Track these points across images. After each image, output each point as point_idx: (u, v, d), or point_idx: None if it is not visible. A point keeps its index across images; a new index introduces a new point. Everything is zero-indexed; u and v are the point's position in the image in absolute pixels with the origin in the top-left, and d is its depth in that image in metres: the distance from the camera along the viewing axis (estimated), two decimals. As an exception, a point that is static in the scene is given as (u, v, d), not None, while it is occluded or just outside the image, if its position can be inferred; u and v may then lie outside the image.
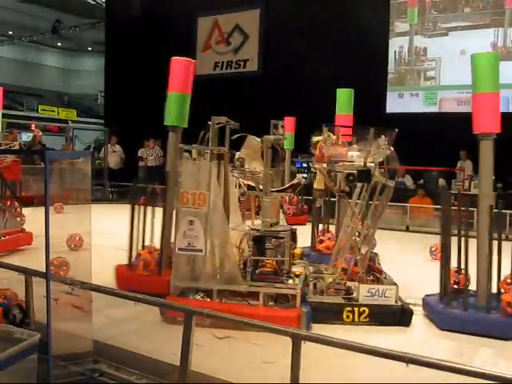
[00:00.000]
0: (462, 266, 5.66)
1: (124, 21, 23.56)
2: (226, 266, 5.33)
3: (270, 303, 5.33)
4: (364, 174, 5.60)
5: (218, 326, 4.60)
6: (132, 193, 6.98)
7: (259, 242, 5.48)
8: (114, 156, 17.81)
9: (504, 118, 5.57)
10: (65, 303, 3.83)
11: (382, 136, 5.62)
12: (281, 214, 6.07)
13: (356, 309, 5.41)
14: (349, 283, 5.70)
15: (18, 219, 8.80)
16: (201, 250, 5.27)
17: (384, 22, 17.79)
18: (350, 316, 5.43)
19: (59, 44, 45.92)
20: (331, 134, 5.73)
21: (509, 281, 5.62)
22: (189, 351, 3.49)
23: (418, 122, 11.11)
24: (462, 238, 5.58)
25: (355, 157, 5.75)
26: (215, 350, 4.48)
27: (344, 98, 9.48)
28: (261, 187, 5.67)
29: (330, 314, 5.40)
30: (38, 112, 39.10)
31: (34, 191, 5.18)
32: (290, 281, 5.32)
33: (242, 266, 5.46)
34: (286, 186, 6.15)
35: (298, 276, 5.44)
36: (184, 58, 7.26)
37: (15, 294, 4.40)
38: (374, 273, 5.97)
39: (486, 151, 5.60)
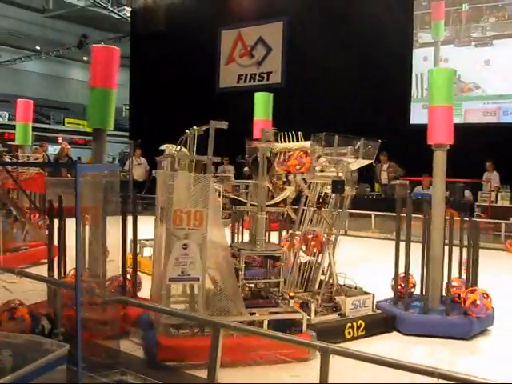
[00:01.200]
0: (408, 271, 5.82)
1: (148, 35, 23.84)
2: (225, 293, 4.64)
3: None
4: (339, 185, 5.32)
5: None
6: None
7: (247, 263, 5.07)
8: (138, 168, 18.00)
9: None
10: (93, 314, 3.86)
11: (349, 147, 5.44)
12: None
13: (355, 324, 5.33)
14: (337, 298, 5.50)
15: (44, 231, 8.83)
16: (197, 279, 4.55)
17: (407, 33, 17.72)
18: (351, 332, 5.31)
19: (85, 58, 46.50)
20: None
21: (454, 283, 5.94)
22: (216, 364, 3.50)
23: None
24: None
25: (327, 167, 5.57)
26: (242, 363, 4.47)
27: (261, 102, 8.96)
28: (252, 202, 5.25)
29: (332, 333, 5.13)
30: (64, 125, 39.66)
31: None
32: (291, 303, 4.93)
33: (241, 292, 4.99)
34: (277, 199, 5.60)
35: (292, 298, 4.94)
36: (106, 46, 5.98)
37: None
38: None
39: (439, 161, 5.91)
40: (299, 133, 5.39)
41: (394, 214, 5.96)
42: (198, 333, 4.54)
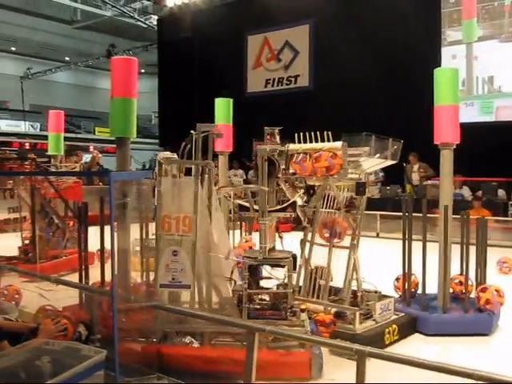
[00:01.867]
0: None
1: (175, 42, 24.05)
2: (218, 303, 4.56)
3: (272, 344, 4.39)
4: (361, 187, 5.27)
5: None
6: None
7: (253, 271, 4.85)
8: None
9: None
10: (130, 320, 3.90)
11: (366, 147, 5.22)
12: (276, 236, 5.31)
13: (391, 328, 5.23)
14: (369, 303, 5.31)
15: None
16: (188, 286, 4.46)
17: (435, 32, 17.52)
18: (389, 337, 5.19)
19: (113, 67, 47.07)
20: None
21: (457, 281, 6.06)
22: (252, 368, 3.49)
23: (474, 131, 10.86)
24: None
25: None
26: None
27: (221, 107, 9.12)
28: (256, 207, 4.97)
29: (374, 340, 4.95)
30: (94, 134, 40.17)
31: (95, 211, 5.32)
32: (302, 316, 4.59)
33: (235, 302, 4.80)
34: (285, 204, 5.27)
35: (303, 311, 4.61)
36: (124, 57, 6.21)
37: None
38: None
39: (447, 160, 5.94)
40: (329, 133, 5.21)
41: (428, 216, 5.92)
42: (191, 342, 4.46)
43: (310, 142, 5.33)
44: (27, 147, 27.18)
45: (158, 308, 4.15)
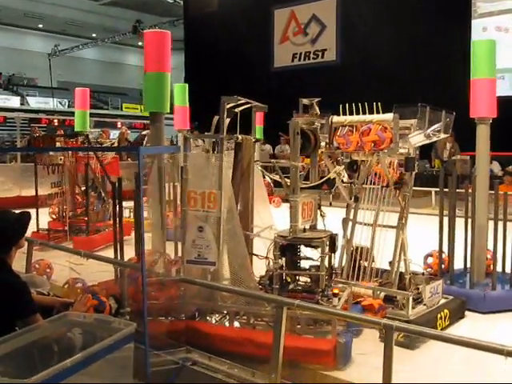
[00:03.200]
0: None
1: (202, 17, 23.93)
2: (243, 283, 4.37)
3: (298, 327, 4.24)
4: (411, 162, 4.86)
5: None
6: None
7: (289, 251, 4.66)
8: (196, 150, 18.19)
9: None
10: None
11: (415, 120, 4.80)
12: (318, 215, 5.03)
13: (442, 314, 4.84)
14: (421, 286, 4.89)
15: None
16: (213, 263, 4.35)
17: (466, 4, 17.12)
18: (441, 323, 4.80)
19: (140, 43, 47.07)
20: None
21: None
22: (280, 341, 3.51)
23: (504, 105, 10.64)
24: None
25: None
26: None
27: (179, 91, 10.67)
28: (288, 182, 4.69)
29: (427, 327, 4.33)
30: (122, 110, 40.37)
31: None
32: (336, 302, 4.31)
33: (267, 282, 4.67)
34: (319, 181, 4.93)
35: (336, 295, 4.34)
36: (157, 30, 6.17)
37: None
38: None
39: (483, 135, 5.81)
40: (379, 104, 4.85)
41: (458, 191, 5.83)
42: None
43: (356, 113, 4.97)
44: (56, 124, 27.39)
45: (184, 282, 4.17)
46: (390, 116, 4.75)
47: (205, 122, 5.01)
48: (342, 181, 5.16)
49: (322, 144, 5.11)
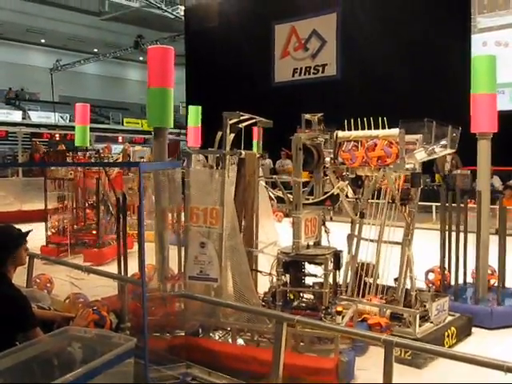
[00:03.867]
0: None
1: (203, 32, 24.07)
2: (245, 300, 4.34)
3: (302, 344, 4.20)
4: (417, 178, 4.87)
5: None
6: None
7: (292, 267, 4.63)
8: (197, 165, 18.20)
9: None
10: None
11: (420, 135, 4.85)
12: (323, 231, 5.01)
13: (449, 331, 4.81)
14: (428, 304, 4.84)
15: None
16: (216, 280, 4.33)
17: (465, 19, 17.22)
18: (448, 341, 4.76)
19: (141, 58, 47.32)
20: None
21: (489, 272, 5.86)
22: (280, 356, 3.51)
23: (504, 120, 10.69)
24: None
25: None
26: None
27: (193, 113, 12.19)
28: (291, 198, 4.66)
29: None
30: (123, 125, 40.48)
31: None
32: (338, 319, 4.27)
33: (270, 299, 4.65)
34: (322, 197, 4.95)
35: (339, 313, 4.31)
36: (161, 46, 6.42)
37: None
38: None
39: (484, 150, 5.87)
40: (384, 118, 4.88)
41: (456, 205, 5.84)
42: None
43: (361, 129, 5.02)
44: (57, 138, 27.49)
45: (185, 297, 4.17)
46: (395, 131, 4.76)
47: (206, 137, 5.04)
48: (347, 196, 5.17)
49: (327, 159, 5.10)
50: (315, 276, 4.77)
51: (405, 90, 17.08)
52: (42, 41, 40.91)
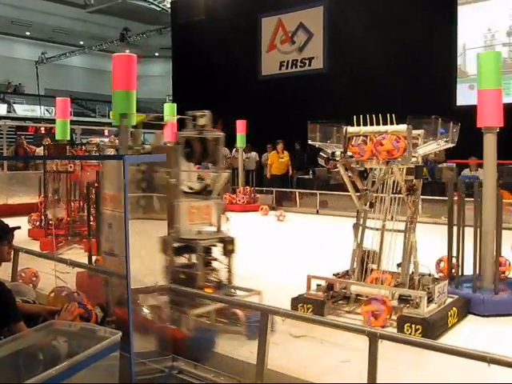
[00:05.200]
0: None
1: (189, 25, 23.96)
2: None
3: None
4: (420, 170, 5.33)
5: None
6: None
7: (183, 250, 5.04)
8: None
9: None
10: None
11: (422, 130, 5.25)
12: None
13: (452, 311, 5.25)
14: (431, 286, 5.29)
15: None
16: (117, 255, 4.84)
17: (452, 8, 17.27)
18: (451, 320, 5.22)
19: (127, 51, 47.06)
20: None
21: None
22: (265, 350, 3.52)
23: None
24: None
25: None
26: (291, 349, 4.49)
27: (169, 109, 12.62)
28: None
29: (440, 324, 5.07)
30: (109, 118, 40.22)
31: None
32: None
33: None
34: (197, 189, 5.27)
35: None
36: (124, 54, 7.22)
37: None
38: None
39: (490, 144, 6.03)
40: (393, 115, 5.25)
41: (442, 198, 5.99)
42: None
43: (370, 124, 5.39)
44: (43, 131, 27.30)
45: (172, 290, 4.17)
46: (403, 127, 5.14)
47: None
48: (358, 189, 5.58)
49: (337, 153, 5.51)
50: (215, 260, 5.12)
51: (392, 83, 17.13)
52: (27, 33, 40.52)
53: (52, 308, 4.11)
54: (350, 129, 5.43)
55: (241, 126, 14.96)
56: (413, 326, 4.76)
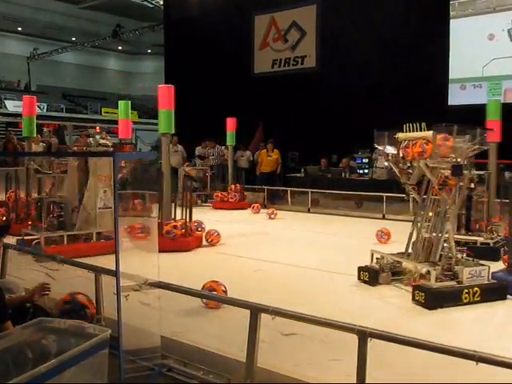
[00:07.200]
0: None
1: (182, 22, 23.91)
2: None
3: None
4: (458, 169, 6.01)
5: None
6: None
7: None
8: (175, 155, 18.04)
9: None
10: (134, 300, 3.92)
11: (467, 135, 6.12)
12: None
13: (471, 290, 5.82)
14: (456, 267, 6.00)
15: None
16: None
17: (444, 6, 17.32)
18: (467, 297, 5.80)
19: (120, 48, 46.97)
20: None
21: None
22: (255, 348, 3.52)
23: (482, 113, 10.79)
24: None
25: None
26: (281, 347, 4.48)
27: (123, 107, 12.47)
28: None
29: (451, 296, 5.76)
30: (101, 115, 40.17)
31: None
32: None
33: None
34: None
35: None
36: (166, 86, 9.87)
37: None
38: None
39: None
40: (423, 124, 6.16)
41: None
42: None
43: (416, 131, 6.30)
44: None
45: (161, 288, 4.16)
46: (430, 133, 6.08)
47: (186, 126, 5.07)
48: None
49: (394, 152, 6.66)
50: None
51: (384, 81, 17.17)
52: (19, 29, 40.36)
53: (29, 293, 4.20)
54: (401, 135, 6.47)
55: (231, 123, 14.78)
56: (420, 293, 5.70)
